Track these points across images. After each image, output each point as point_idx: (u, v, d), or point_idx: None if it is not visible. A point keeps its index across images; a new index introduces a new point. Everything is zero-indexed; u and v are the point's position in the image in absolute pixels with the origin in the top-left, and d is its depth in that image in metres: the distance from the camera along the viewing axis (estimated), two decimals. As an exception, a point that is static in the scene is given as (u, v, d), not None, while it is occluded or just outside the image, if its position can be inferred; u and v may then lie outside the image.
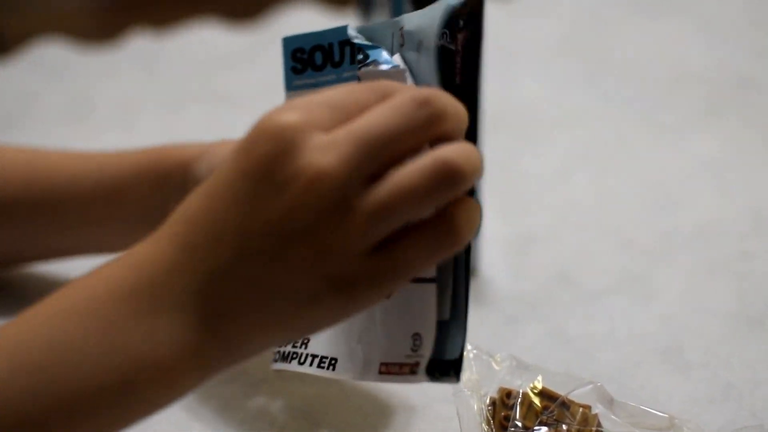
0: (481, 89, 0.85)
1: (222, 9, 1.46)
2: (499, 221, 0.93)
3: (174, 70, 1.29)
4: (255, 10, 1.43)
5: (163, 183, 0.76)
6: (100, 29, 1.51)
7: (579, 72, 1.25)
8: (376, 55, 0.58)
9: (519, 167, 1.05)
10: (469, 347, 0.66)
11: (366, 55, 0.58)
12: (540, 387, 0.65)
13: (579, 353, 0.78)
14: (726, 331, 0.80)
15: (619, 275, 0.87)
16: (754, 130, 1.11)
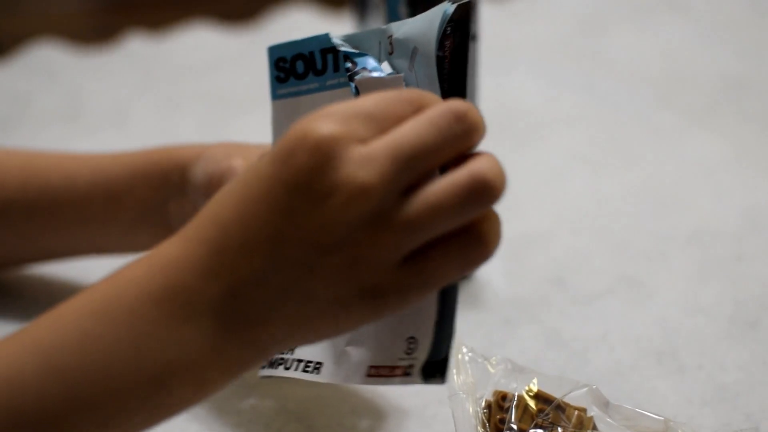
0: (474, 93, 0.86)
1: (217, 11, 1.45)
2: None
3: (169, 71, 1.29)
4: (250, 12, 1.43)
5: (162, 184, 0.76)
6: (95, 31, 1.51)
7: (575, 73, 1.25)
8: (364, 63, 0.58)
9: (514, 169, 1.04)
10: (465, 350, 0.66)
11: (354, 63, 0.58)
12: (535, 390, 0.65)
13: (574, 356, 0.78)
14: (721, 334, 0.80)
15: (614, 278, 0.87)
16: (749, 131, 1.11)
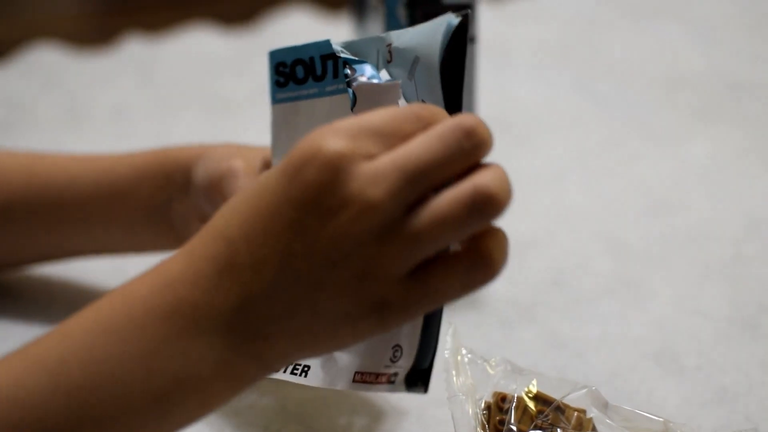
0: (472, 96, 0.86)
1: (215, 13, 1.46)
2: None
3: (168, 74, 1.29)
4: (249, 15, 1.43)
5: (165, 184, 0.77)
6: (94, 34, 1.51)
7: (572, 76, 1.25)
8: (362, 70, 0.58)
9: (512, 170, 1.04)
10: (464, 351, 0.66)
11: (353, 70, 0.58)
12: (535, 391, 0.65)
13: (573, 357, 0.78)
14: (719, 335, 0.80)
15: (613, 279, 0.87)
16: (746, 133, 1.11)
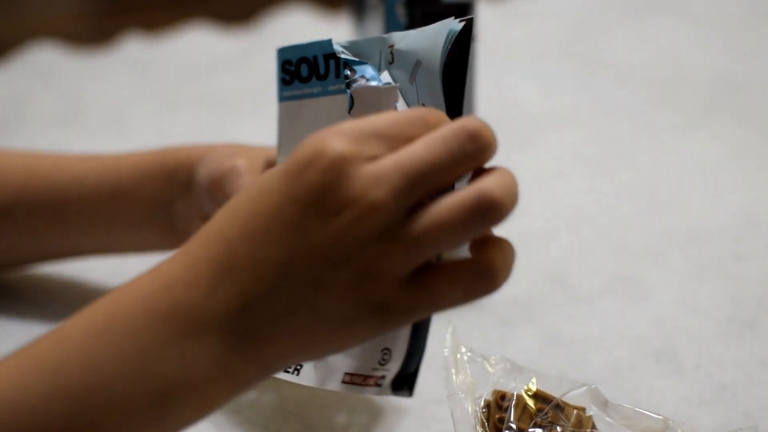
0: (472, 96, 0.86)
1: (214, 13, 1.46)
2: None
3: (166, 73, 1.29)
4: (247, 14, 1.43)
5: (167, 184, 0.77)
6: (92, 33, 1.51)
7: (573, 73, 1.25)
8: (363, 71, 0.58)
9: (512, 169, 1.04)
10: (463, 350, 0.66)
11: (353, 71, 0.58)
12: (534, 389, 0.65)
13: (573, 355, 0.78)
14: (719, 333, 0.80)
15: (613, 277, 0.87)
16: (747, 131, 1.11)
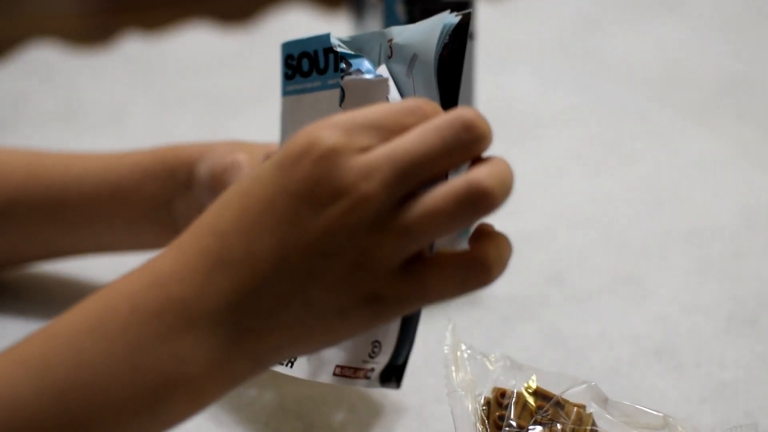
0: (470, 92, 0.86)
1: (214, 11, 1.46)
2: (492, 222, 0.92)
3: (166, 72, 1.29)
4: (247, 12, 1.43)
5: (168, 182, 0.77)
6: (92, 32, 1.51)
7: (572, 72, 1.25)
8: (358, 65, 0.59)
9: (512, 167, 1.04)
10: (463, 347, 0.66)
11: (349, 64, 0.59)
12: (534, 387, 0.65)
13: (573, 353, 0.78)
14: (719, 331, 0.80)
15: (613, 275, 0.87)
16: (746, 129, 1.11)
